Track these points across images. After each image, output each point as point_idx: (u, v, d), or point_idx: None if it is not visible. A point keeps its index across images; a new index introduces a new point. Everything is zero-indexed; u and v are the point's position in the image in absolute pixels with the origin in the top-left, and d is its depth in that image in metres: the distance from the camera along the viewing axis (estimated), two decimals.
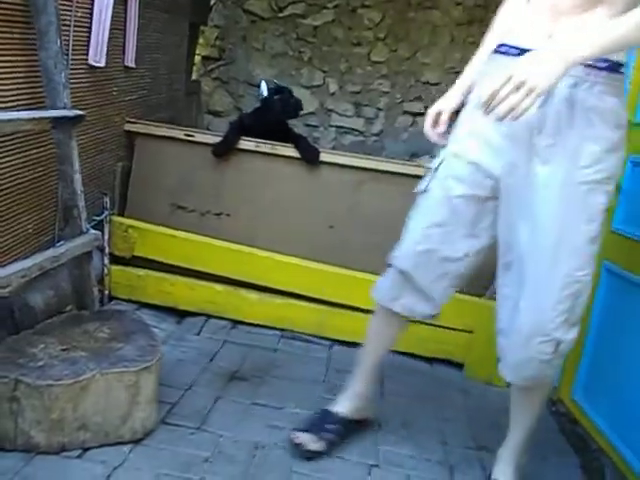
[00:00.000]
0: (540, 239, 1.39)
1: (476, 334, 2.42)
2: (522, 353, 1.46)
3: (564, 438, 2.10)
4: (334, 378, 2.26)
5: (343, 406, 1.82)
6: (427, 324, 2.39)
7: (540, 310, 1.41)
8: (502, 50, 1.45)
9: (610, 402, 1.96)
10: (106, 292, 2.52)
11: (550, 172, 1.36)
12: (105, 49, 2.19)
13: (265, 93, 2.59)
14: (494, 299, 2.42)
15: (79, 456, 1.56)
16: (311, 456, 1.70)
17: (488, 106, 1.21)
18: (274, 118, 2.58)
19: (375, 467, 1.74)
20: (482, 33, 4.01)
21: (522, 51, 1.34)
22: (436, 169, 1.59)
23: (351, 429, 1.82)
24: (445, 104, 1.66)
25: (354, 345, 2.47)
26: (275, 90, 2.61)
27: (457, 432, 2.03)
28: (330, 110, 4.09)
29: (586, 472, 1.89)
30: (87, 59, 2.12)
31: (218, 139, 2.56)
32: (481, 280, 2.50)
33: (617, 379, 1.93)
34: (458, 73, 4.07)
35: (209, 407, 1.91)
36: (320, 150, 2.58)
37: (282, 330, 2.55)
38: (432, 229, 1.59)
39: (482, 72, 1.53)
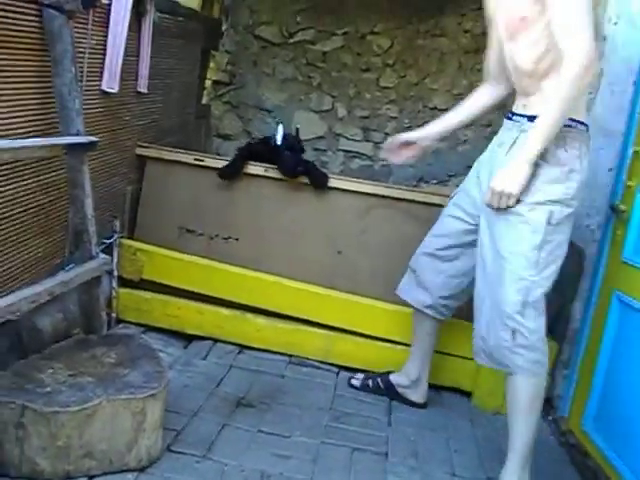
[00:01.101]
0: (496, 245, 1.80)
1: None
2: (489, 341, 1.82)
3: (575, 470, 2.07)
4: (341, 405, 2.24)
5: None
6: (436, 352, 2.39)
7: (497, 303, 1.78)
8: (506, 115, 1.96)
9: (621, 434, 1.93)
10: (114, 315, 2.52)
11: None
12: (119, 75, 2.22)
13: (279, 141, 2.59)
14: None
15: None
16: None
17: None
18: (283, 171, 2.57)
19: None
20: None
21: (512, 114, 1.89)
22: (452, 196, 2.13)
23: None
24: (404, 135, 2.27)
25: (361, 371, 2.47)
26: (290, 146, 2.60)
27: (466, 462, 2.00)
28: (338, 134, 4.12)
29: None
30: (101, 85, 2.15)
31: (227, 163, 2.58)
32: None
33: (628, 410, 1.91)
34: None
35: (215, 434, 1.89)
36: (329, 175, 2.59)
37: (289, 356, 2.54)
38: (435, 238, 2.11)
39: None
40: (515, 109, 1.88)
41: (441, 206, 2.51)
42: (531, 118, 1.75)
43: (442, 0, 3.91)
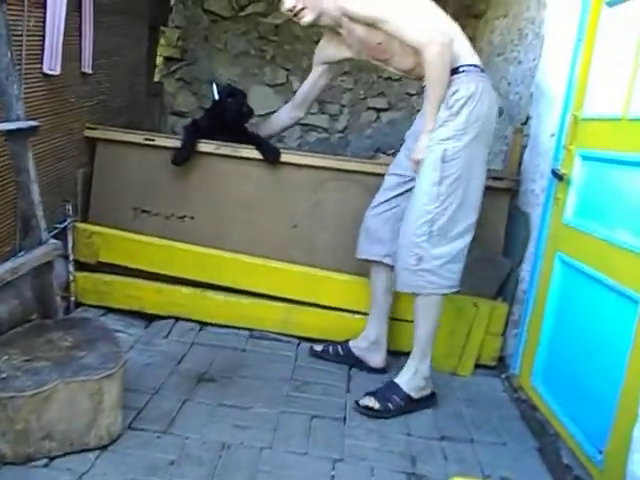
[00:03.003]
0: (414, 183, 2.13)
1: (441, 327, 2.47)
2: (398, 264, 2.13)
3: (524, 424, 2.17)
4: (301, 375, 2.30)
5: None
6: (392, 319, 2.47)
7: (404, 233, 2.10)
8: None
9: (565, 388, 2.04)
10: (72, 299, 2.52)
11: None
12: (60, 56, 2.18)
13: (216, 96, 2.59)
14: (456, 294, 2.49)
15: (45, 465, 1.58)
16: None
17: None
18: (230, 120, 2.58)
19: (339, 461, 1.79)
20: None
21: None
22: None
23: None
24: None
25: (321, 342, 2.53)
26: (229, 93, 2.61)
27: (421, 423, 2.09)
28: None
29: (543, 455, 1.96)
30: (42, 68, 2.11)
31: (178, 142, 2.56)
32: None
33: (571, 366, 2.01)
34: None
35: (176, 410, 1.93)
36: (281, 150, 2.61)
37: (250, 330, 2.59)
38: (378, 194, 2.34)
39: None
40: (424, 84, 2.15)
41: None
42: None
43: None
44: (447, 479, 1.65)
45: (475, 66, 2.08)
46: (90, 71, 2.50)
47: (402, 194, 2.26)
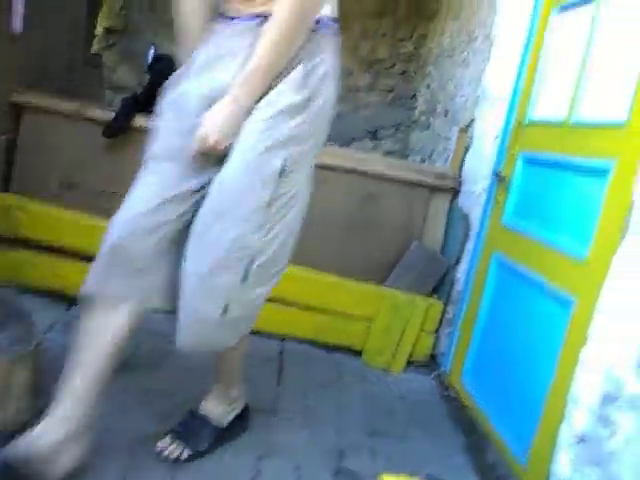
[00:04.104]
0: (216, 195, 1.34)
1: (374, 322, 2.46)
2: (185, 314, 1.40)
3: (453, 422, 2.18)
4: None
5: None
6: (327, 312, 2.42)
7: (199, 272, 1.35)
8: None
9: (494, 388, 2.05)
10: None
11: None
12: None
13: (149, 60, 2.47)
14: (393, 288, 2.48)
15: None
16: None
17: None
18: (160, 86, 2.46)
19: (265, 457, 1.72)
20: (393, 25, 4.06)
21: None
22: None
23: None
24: None
25: (253, 333, 2.45)
26: (156, 58, 2.48)
27: (353, 418, 2.05)
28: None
29: (470, 454, 1.97)
30: None
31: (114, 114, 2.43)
32: (380, 269, 2.56)
33: (501, 366, 2.03)
34: (369, 64, 4.09)
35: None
36: None
37: None
38: (147, 190, 1.56)
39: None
40: (240, 10, 1.35)
41: (336, 168, 2.51)
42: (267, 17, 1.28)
43: None
44: (375, 475, 1.62)
45: (336, 22, 1.39)
46: (20, 30, 2.32)
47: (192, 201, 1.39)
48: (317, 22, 1.31)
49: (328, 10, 1.35)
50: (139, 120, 2.43)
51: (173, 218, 1.38)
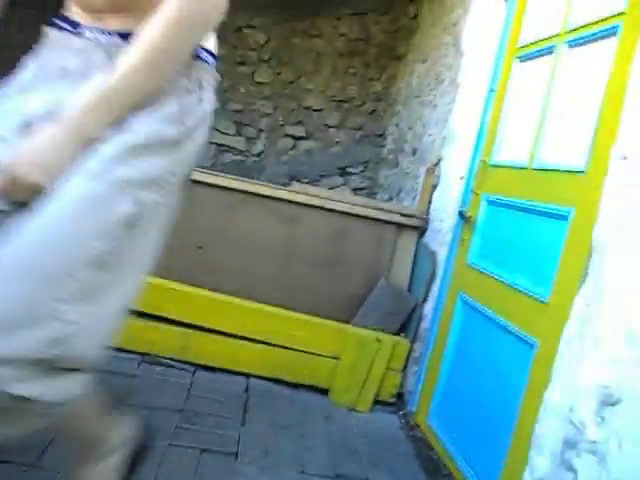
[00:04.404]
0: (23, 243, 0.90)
1: (341, 360, 2.44)
2: None
3: (419, 462, 2.16)
4: (194, 406, 2.17)
5: None
6: (294, 350, 2.40)
7: None
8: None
9: (458, 426, 2.05)
10: None
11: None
12: None
13: None
14: (360, 326, 2.48)
15: None
16: None
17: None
18: None
19: None
20: (363, 65, 4.14)
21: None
22: None
23: None
24: None
25: (218, 370, 2.42)
26: None
27: (316, 460, 2.02)
28: (210, 128, 4.03)
29: None
30: None
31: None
32: (348, 306, 2.55)
33: (467, 406, 2.03)
34: (339, 102, 4.17)
35: (48, 440, 1.74)
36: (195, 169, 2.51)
37: (142, 354, 2.42)
38: None
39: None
40: (85, 20, 1.04)
41: (305, 205, 2.53)
42: (126, 36, 0.99)
43: (318, 1, 3.96)
44: None
45: (215, 60, 1.12)
46: None
47: None
48: (197, 55, 1.04)
49: (211, 43, 1.09)
50: None
51: None
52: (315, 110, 4.10)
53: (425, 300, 2.52)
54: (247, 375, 2.48)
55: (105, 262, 0.94)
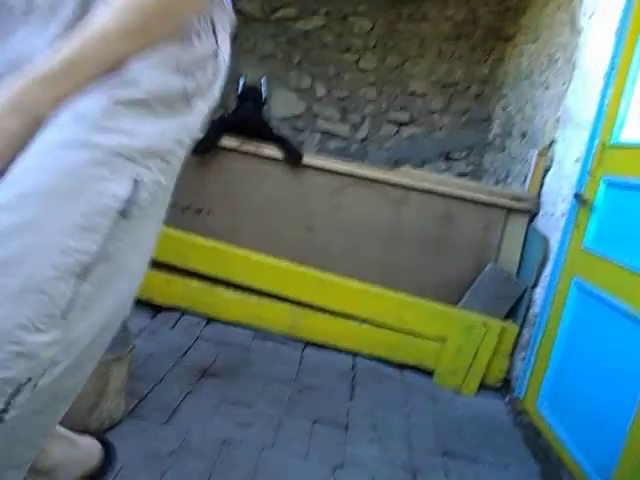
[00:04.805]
0: None
1: (447, 343, 2.46)
2: None
3: (527, 448, 2.14)
4: (305, 379, 2.28)
5: None
6: (400, 331, 2.44)
7: None
8: None
9: (571, 414, 2.01)
10: None
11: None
12: None
13: (240, 88, 2.62)
14: (467, 310, 2.48)
15: None
16: None
17: None
18: (252, 117, 2.60)
19: (340, 468, 1.75)
20: (469, 48, 4.08)
21: None
22: None
23: None
24: None
25: (326, 347, 2.51)
26: (247, 89, 2.63)
27: (423, 437, 2.06)
28: (316, 115, 4.12)
29: None
30: None
31: (200, 136, 2.57)
32: (454, 289, 2.56)
33: (578, 391, 1.98)
34: (444, 86, 4.14)
35: (178, 402, 1.91)
36: (303, 153, 2.61)
37: (255, 329, 2.57)
38: None
39: None
40: None
41: (413, 188, 2.55)
42: None
43: None
44: None
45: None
46: None
47: None
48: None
49: None
50: (225, 141, 2.57)
51: None
52: (419, 95, 4.08)
53: (535, 285, 2.47)
54: (354, 353, 2.56)
55: (87, 269, 0.70)
